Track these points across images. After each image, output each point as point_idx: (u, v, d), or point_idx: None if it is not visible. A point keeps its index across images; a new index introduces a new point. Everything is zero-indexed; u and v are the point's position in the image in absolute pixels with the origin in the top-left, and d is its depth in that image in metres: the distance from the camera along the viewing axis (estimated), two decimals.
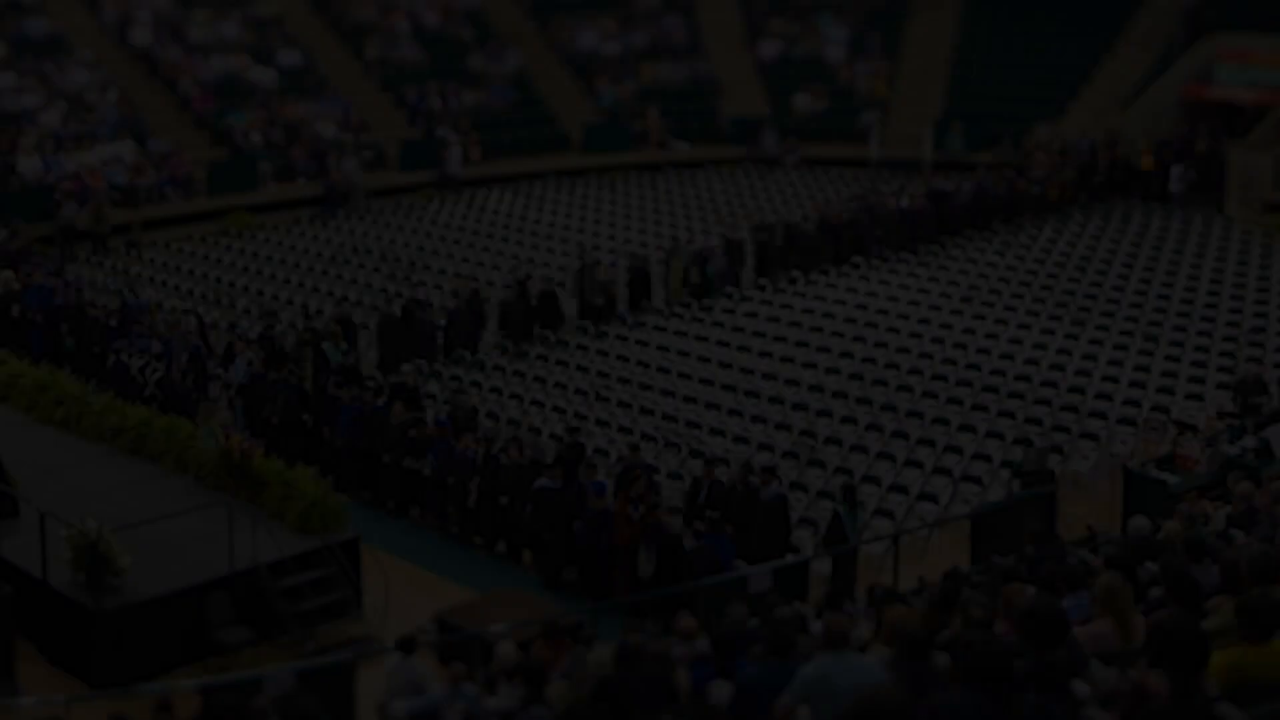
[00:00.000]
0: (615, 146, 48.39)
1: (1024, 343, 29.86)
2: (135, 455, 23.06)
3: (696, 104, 50.87)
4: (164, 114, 45.50)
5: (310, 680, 15.68)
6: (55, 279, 31.72)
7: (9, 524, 20.16)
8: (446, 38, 51.79)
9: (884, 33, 52.80)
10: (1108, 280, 34.09)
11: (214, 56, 47.67)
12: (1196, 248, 36.58)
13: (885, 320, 31.48)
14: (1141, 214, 39.83)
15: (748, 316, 32.17)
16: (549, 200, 44.12)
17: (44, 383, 25.08)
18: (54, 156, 41.27)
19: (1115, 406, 26.37)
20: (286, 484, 20.98)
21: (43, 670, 18.79)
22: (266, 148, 44.47)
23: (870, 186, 42.51)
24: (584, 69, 51.64)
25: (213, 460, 21.78)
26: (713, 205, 43.14)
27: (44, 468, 22.28)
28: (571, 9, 54.19)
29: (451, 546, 23.04)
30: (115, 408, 24.01)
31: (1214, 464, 21.81)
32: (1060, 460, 24.26)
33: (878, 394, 27.23)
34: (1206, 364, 28.43)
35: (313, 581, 19.89)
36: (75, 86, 44.79)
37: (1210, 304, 32.34)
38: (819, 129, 49.22)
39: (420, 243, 39.48)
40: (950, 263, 35.93)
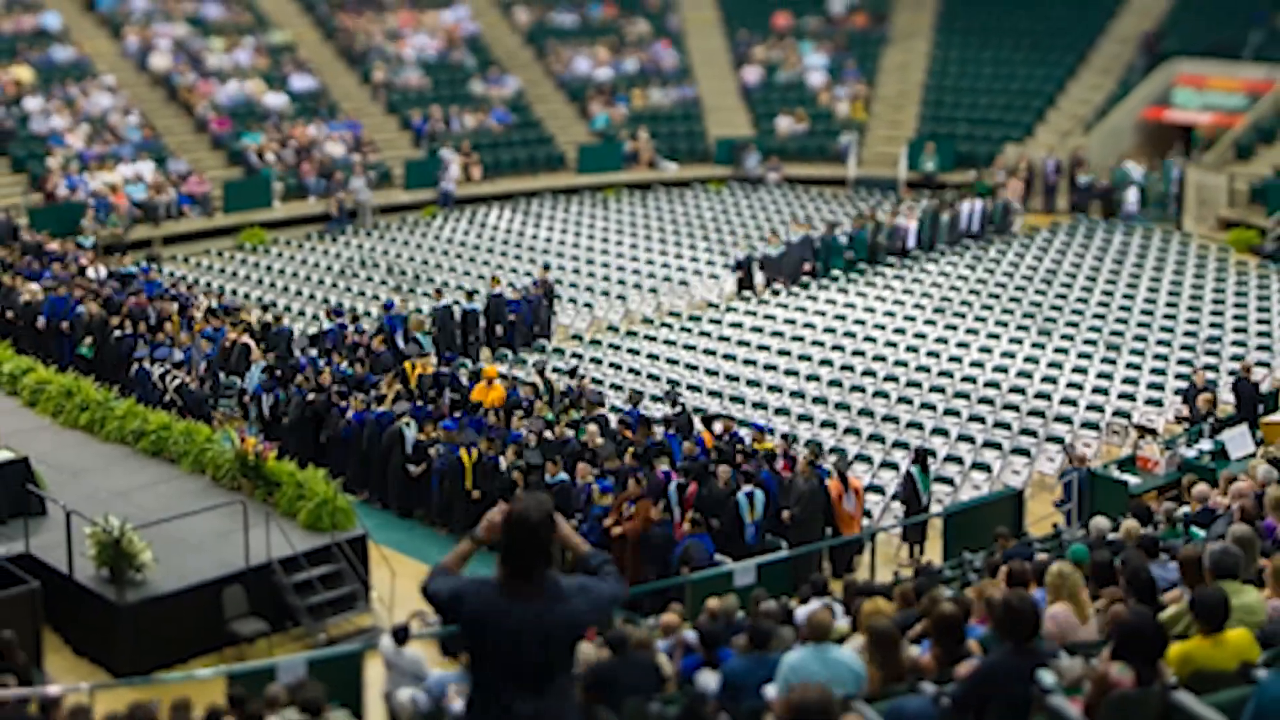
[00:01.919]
0: (608, 166, 48.39)
1: (994, 351, 29.88)
2: (155, 457, 23.03)
3: (684, 126, 50.90)
4: (182, 136, 45.47)
5: (321, 669, 15.69)
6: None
7: (37, 522, 20.13)
8: (449, 64, 51.80)
9: (861, 59, 52.90)
10: (1072, 293, 34.14)
11: (230, 82, 47.63)
12: (1155, 262, 36.62)
13: (862, 330, 31.51)
14: (1104, 230, 39.87)
15: (733, 327, 32.18)
16: (545, 217, 44.16)
17: (69, 389, 25.07)
18: (79, 176, 41.31)
19: (1079, 411, 26.41)
20: (298, 484, 20.98)
21: (69, 660, 18.82)
22: (279, 167, 44.45)
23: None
24: (578, 93, 51.66)
25: (229, 462, 21.78)
26: (699, 221, 43.21)
27: (70, 469, 22.30)
28: (567, 37, 54.27)
29: (454, 543, 22.97)
30: (137, 413, 23.99)
31: (1172, 466, 21.88)
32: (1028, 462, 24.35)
33: (855, 400, 27.26)
34: (1165, 371, 28.46)
35: (323, 576, 19.88)
36: (99, 109, 44.76)
37: (1169, 315, 32.38)
38: (800, 150, 49.27)
39: (424, 257, 39.53)
40: (924, 275, 35.96)
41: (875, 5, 55.33)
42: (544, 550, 7.18)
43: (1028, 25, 51.84)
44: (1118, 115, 46.49)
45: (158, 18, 49.93)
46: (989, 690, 8.49)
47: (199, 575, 19.26)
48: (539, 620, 7.08)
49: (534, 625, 7.07)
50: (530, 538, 7.13)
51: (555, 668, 7.19)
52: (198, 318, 29.34)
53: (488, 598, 7.18)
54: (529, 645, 7.06)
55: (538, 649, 7.08)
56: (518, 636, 7.06)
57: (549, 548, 7.20)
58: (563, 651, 7.22)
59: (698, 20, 55.63)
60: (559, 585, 7.20)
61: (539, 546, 7.15)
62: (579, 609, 7.22)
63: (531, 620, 7.07)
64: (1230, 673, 8.68)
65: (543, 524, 7.16)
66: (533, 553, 7.14)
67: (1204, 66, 45.78)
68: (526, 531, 7.13)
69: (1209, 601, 9.18)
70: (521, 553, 7.15)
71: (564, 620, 7.15)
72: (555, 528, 7.28)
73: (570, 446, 22.75)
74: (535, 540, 7.14)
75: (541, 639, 7.09)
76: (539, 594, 7.13)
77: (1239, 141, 42.52)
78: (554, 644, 7.15)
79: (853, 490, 21.34)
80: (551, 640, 7.13)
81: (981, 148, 47.19)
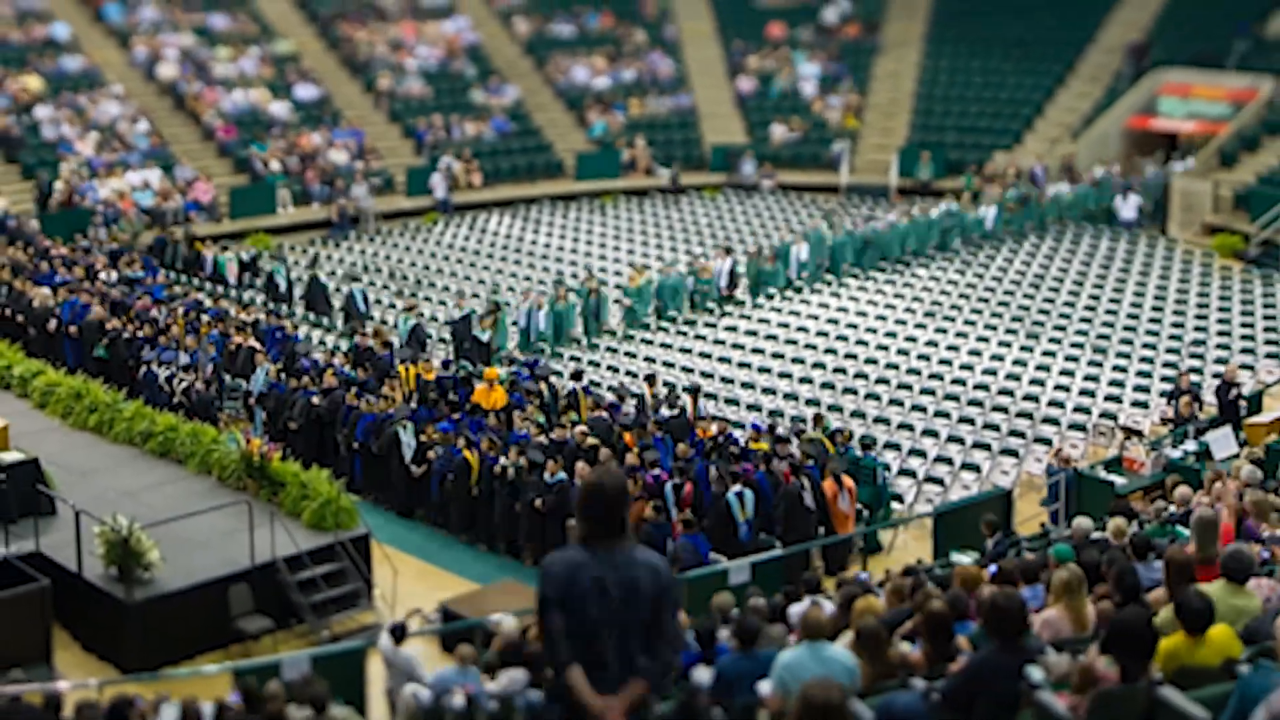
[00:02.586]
0: (606, 173, 48.36)
1: (983, 354, 29.89)
2: (163, 458, 23.03)
3: (681, 134, 50.92)
4: (189, 143, 45.48)
5: (324, 665, 15.69)
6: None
7: (47, 522, 20.10)
8: (450, 73, 51.82)
9: (854, 69, 52.93)
10: (1060, 296, 34.16)
11: (236, 91, 47.64)
12: (1142, 267, 36.65)
13: (854, 333, 31.52)
14: (1091, 235, 39.88)
15: (727, 330, 32.21)
16: (544, 223, 44.18)
17: (79, 391, 25.07)
18: (89, 182, 41.33)
19: (1067, 413, 26.42)
20: (303, 485, 20.98)
21: (78, 656, 18.82)
22: (284, 174, 44.48)
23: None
24: (577, 102, 51.67)
25: (234, 462, 21.78)
26: (695, 227, 43.26)
27: (79, 470, 22.30)
28: (565, 47, 54.29)
29: (455, 543, 23.04)
30: (145, 414, 24.00)
31: (1158, 466, 21.90)
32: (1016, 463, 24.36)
33: (847, 401, 27.28)
34: (1151, 374, 28.48)
35: (327, 575, 19.87)
36: (108, 118, 44.75)
37: (1154, 319, 32.40)
38: (793, 157, 49.28)
39: (426, 262, 39.54)
40: (915, 280, 35.97)
41: (867, 15, 55.39)
42: (622, 517, 7.44)
43: (1017, 35, 51.89)
44: (1105, 123, 46.57)
45: (165, 28, 49.95)
46: (978, 686, 8.49)
47: (205, 573, 19.25)
48: (623, 571, 7.34)
49: (619, 577, 7.33)
50: (608, 505, 7.42)
51: (636, 631, 7.34)
52: (203, 321, 29.34)
53: (573, 556, 7.46)
54: (615, 596, 7.29)
55: (622, 602, 7.29)
56: (603, 587, 7.30)
57: (625, 514, 7.47)
58: (646, 609, 7.36)
59: (693, 30, 55.66)
60: (636, 547, 7.50)
61: (617, 512, 7.43)
62: (654, 560, 7.51)
63: (616, 571, 7.34)
64: (1214, 669, 8.69)
65: (618, 491, 7.43)
66: (612, 519, 7.42)
67: (1189, 76, 45.86)
68: (604, 498, 7.41)
69: (1194, 606, 9.19)
70: (600, 520, 7.42)
71: (646, 568, 7.40)
72: (629, 498, 7.52)
73: (570, 446, 22.75)
74: (614, 507, 7.42)
75: (627, 589, 7.33)
76: (621, 551, 7.40)
77: (1223, 149, 42.56)
78: (639, 599, 7.33)
79: (847, 490, 21.36)
80: (636, 594, 7.34)
81: (971, 155, 47.22)
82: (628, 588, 7.31)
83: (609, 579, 7.29)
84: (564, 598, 7.37)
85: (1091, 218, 41.50)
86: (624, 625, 7.32)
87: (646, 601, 7.33)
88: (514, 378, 26.69)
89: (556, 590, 7.40)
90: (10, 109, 43.73)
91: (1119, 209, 41.33)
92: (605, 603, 7.28)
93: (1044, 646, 9.70)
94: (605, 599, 7.28)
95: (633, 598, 7.31)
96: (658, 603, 7.39)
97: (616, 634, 7.31)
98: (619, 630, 7.31)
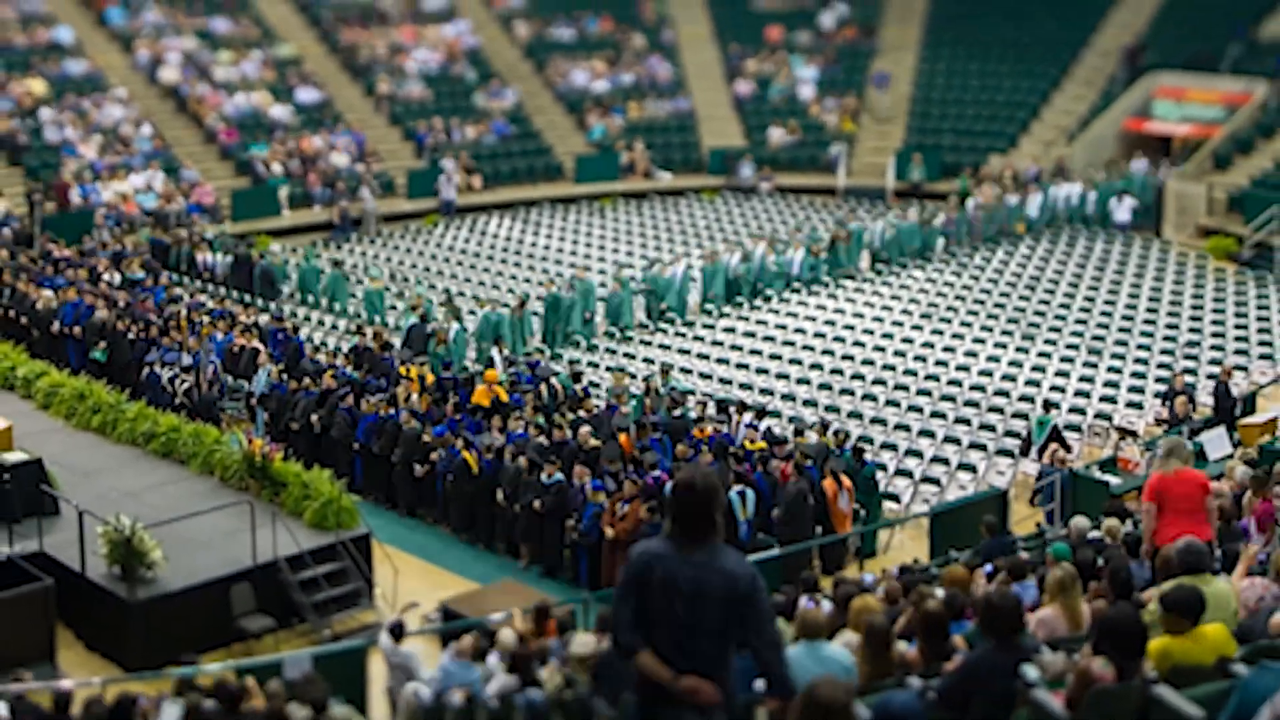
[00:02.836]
0: (605, 176, 48.40)
1: (979, 356, 29.89)
2: (165, 458, 23.02)
3: (679, 137, 50.92)
4: (192, 146, 45.49)
5: (326, 664, 15.69)
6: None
7: (51, 522, 20.10)
8: (450, 77, 51.82)
9: (850, 72, 52.98)
10: (1055, 298, 34.15)
11: (238, 94, 47.66)
12: (1136, 269, 36.65)
13: (852, 335, 31.51)
14: (1086, 237, 39.88)
15: (725, 332, 32.22)
16: (544, 225, 44.17)
17: (82, 392, 25.06)
18: (92, 185, 41.35)
19: (1062, 414, 26.40)
20: (304, 485, 20.97)
21: (81, 655, 18.83)
22: (286, 177, 44.49)
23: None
24: (576, 105, 51.69)
25: (236, 463, 21.78)
26: (694, 230, 43.27)
27: (82, 470, 22.30)
28: (565, 51, 54.30)
29: (456, 542, 23.05)
30: (147, 415, 24.00)
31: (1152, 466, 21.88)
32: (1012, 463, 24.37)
33: (844, 403, 27.27)
34: (1146, 375, 28.48)
35: (328, 574, 19.86)
36: (111, 121, 44.77)
37: (1149, 320, 32.41)
38: (791, 160, 49.31)
39: (426, 264, 39.54)
40: (911, 282, 35.97)
41: (864, 20, 55.45)
42: (710, 517, 7.32)
43: (1012, 39, 51.93)
44: (1100, 126, 46.61)
45: (168, 32, 49.95)
46: (973, 685, 8.49)
47: (208, 573, 19.25)
48: (696, 572, 7.21)
49: (690, 577, 7.20)
50: (697, 504, 7.30)
51: (702, 636, 7.25)
52: (205, 323, 29.35)
53: (656, 548, 7.38)
54: (682, 596, 7.18)
55: (688, 603, 7.18)
56: (673, 583, 7.19)
57: (715, 515, 7.34)
58: (713, 616, 7.24)
59: (692, 35, 55.68)
60: (724, 551, 7.33)
61: (705, 513, 7.31)
62: (737, 568, 7.32)
63: (688, 571, 7.21)
64: (1208, 667, 8.69)
65: (708, 491, 7.32)
66: (699, 518, 7.30)
67: (1183, 79, 45.90)
68: (693, 497, 7.30)
69: (1182, 599, 9.19)
70: (688, 518, 7.31)
71: (722, 574, 7.25)
72: (721, 497, 7.40)
73: (569, 447, 22.75)
74: (702, 506, 7.30)
75: (695, 592, 7.20)
76: (703, 552, 7.26)
77: (1217, 152, 42.58)
78: (705, 604, 7.21)
79: (845, 490, 21.37)
80: (703, 598, 7.22)
81: (967, 158, 47.26)
82: (697, 589, 7.21)
83: (681, 577, 7.19)
84: (637, 587, 7.31)
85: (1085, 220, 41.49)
86: (691, 626, 7.22)
87: (715, 606, 7.22)
88: (514, 379, 26.69)
89: (631, 579, 7.35)
90: (14, 112, 43.74)
91: (1114, 211, 41.31)
92: (672, 599, 7.20)
93: (1039, 645, 9.70)
94: (672, 595, 7.20)
95: (699, 600, 7.20)
96: (727, 612, 7.25)
97: (684, 634, 7.23)
98: (687, 630, 7.23)
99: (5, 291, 32.23)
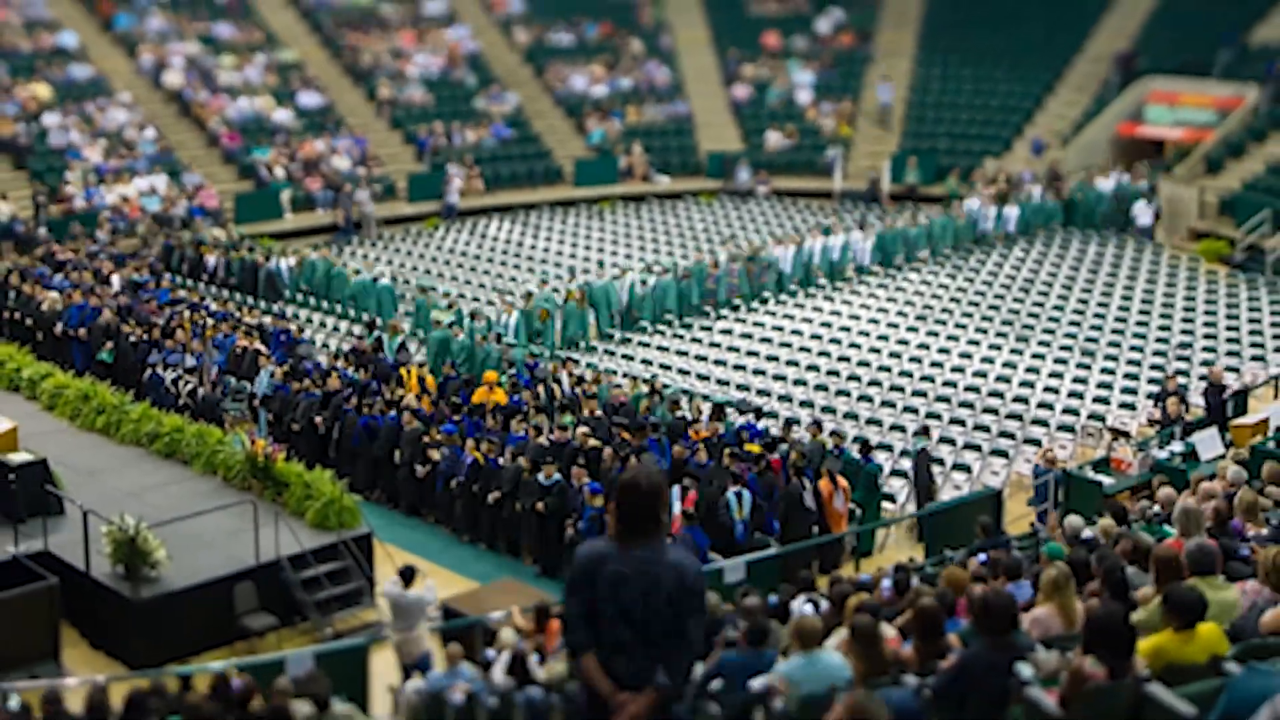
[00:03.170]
0: (604, 179, 48.45)
1: (974, 357, 29.90)
2: (169, 459, 23.04)
3: (677, 141, 50.93)
4: (195, 150, 45.50)
5: (328, 662, 15.69)
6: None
7: (56, 521, 20.11)
8: (451, 81, 51.83)
9: (846, 77, 53.00)
10: (1049, 300, 34.17)
11: (240, 98, 47.66)
12: (1129, 271, 36.68)
13: (847, 337, 31.54)
14: (1079, 240, 39.89)
15: (723, 334, 32.22)
16: (543, 228, 44.21)
17: (86, 393, 25.07)
18: (96, 188, 41.35)
19: (1056, 414, 26.42)
20: (306, 485, 20.98)
21: (85, 653, 18.81)
22: (289, 181, 44.50)
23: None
24: (575, 110, 51.70)
25: (239, 463, 21.78)
26: (691, 232, 43.29)
27: (87, 470, 22.30)
28: (564, 56, 54.33)
29: (456, 542, 23.05)
30: (151, 416, 24.01)
31: (1145, 467, 21.90)
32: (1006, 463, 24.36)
33: (841, 403, 27.27)
34: (1138, 376, 28.50)
35: (330, 573, 19.86)
36: (115, 125, 44.79)
37: (1141, 321, 32.41)
38: (788, 163, 49.33)
39: (427, 266, 39.56)
40: (906, 284, 35.97)
41: (860, 25, 55.46)
42: (655, 515, 7.30)
43: (1007, 44, 51.93)
44: (1093, 130, 46.64)
45: (172, 37, 49.95)
46: (968, 683, 8.49)
47: (211, 572, 19.26)
48: (645, 566, 7.19)
49: (639, 571, 7.18)
50: (642, 502, 7.27)
51: (656, 629, 7.23)
52: (208, 325, 29.35)
53: (601, 547, 7.36)
54: (632, 591, 7.16)
55: (639, 597, 7.16)
56: (623, 579, 7.18)
57: (660, 513, 7.33)
58: (664, 608, 7.22)
59: (690, 39, 55.67)
60: (669, 547, 7.33)
61: (650, 511, 7.29)
62: (684, 561, 7.31)
63: (637, 565, 7.19)
64: (1201, 666, 8.69)
65: (653, 489, 7.29)
66: (644, 517, 7.27)
67: (1176, 84, 45.90)
68: (638, 496, 7.27)
69: (1185, 600, 9.18)
70: (633, 516, 7.28)
71: (670, 567, 7.22)
72: (665, 495, 7.39)
73: (568, 448, 22.75)
74: (647, 504, 7.27)
75: (646, 585, 7.18)
76: (650, 548, 7.25)
77: (1209, 156, 42.59)
78: (657, 596, 7.19)
79: (841, 490, 21.38)
80: (655, 591, 7.19)
81: (962, 162, 47.28)
82: (648, 584, 7.19)
83: (629, 573, 7.18)
84: (585, 586, 7.30)
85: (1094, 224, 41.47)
86: (644, 621, 7.21)
87: (665, 599, 7.21)
88: (514, 380, 26.69)
89: (578, 578, 7.34)
90: (20, 116, 43.73)
91: (1137, 216, 41.26)
92: (622, 596, 7.19)
93: (1033, 644, 9.70)
94: (623, 593, 7.18)
95: (652, 594, 7.18)
96: (677, 603, 7.25)
97: (638, 629, 7.21)
98: (640, 626, 7.21)
99: (11, 294, 32.23)
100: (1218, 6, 48.45)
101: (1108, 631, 8.39)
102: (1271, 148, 41.54)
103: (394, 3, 55.36)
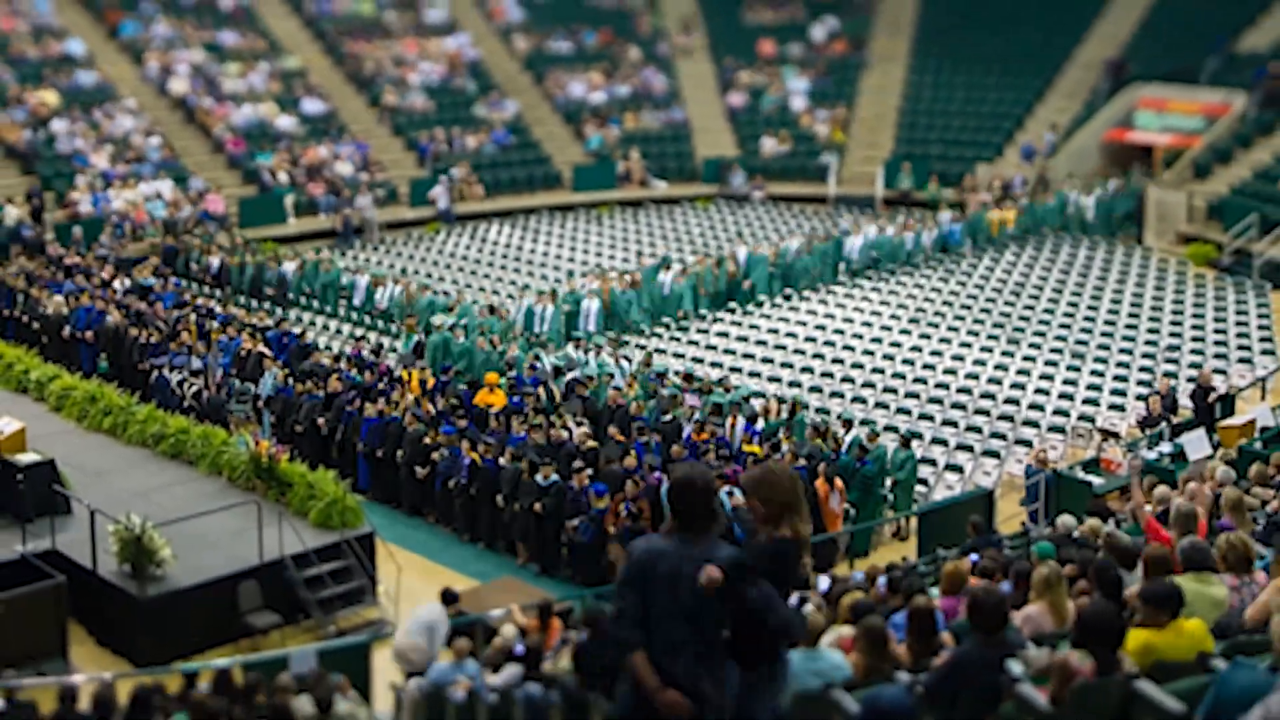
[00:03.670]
0: (602, 185, 48.41)
1: (966, 359, 29.90)
2: (174, 459, 23.06)
3: (674, 147, 50.94)
4: (200, 156, 45.46)
5: (330, 659, 15.70)
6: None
7: (63, 521, 20.13)
8: (452, 88, 51.82)
9: (840, 84, 53.02)
10: (1040, 304, 34.18)
11: (244, 105, 47.63)
12: (1118, 274, 36.70)
13: (841, 339, 31.53)
14: (1070, 244, 39.92)
15: (719, 336, 32.22)
16: (542, 232, 44.21)
17: (93, 395, 25.09)
18: (103, 193, 41.35)
19: (1046, 415, 26.45)
20: (309, 485, 20.99)
21: (92, 651, 18.86)
22: (292, 186, 44.50)
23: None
24: (574, 116, 51.70)
25: (244, 464, 21.79)
26: (688, 236, 43.30)
27: (93, 471, 22.32)
28: (563, 63, 54.32)
29: (456, 542, 23.06)
30: (157, 417, 24.02)
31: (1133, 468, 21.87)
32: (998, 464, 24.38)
33: (834, 405, 27.28)
34: (1128, 378, 28.51)
35: (333, 572, 19.90)
36: (122, 131, 44.76)
37: (1131, 324, 32.44)
38: (782, 169, 49.34)
39: (428, 270, 39.56)
40: (899, 287, 35.98)
41: (854, 33, 55.49)
42: (710, 511, 7.37)
43: (998, 51, 51.96)
44: (1083, 136, 46.64)
45: (177, 44, 49.89)
46: (959, 680, 8.49)
47: (216, 571, 19.30)
48: (697, 562, 7.20)
49: (691, 566, 7.19)
50: (697, 499, 7.34)
51: (706, 626, 7.26)
52: (213, 327, 29.35)
53: (657, 544, 7.40)
54: (685, 584, 7.16)
55: (691, 594, 7.16)
56: (677, 573, 7.19)
57: (714, 509, 7.41)
58: (718, 604, 7.24)
59: (686, 47, 55.67)
60: (721, 543, 7.39)
61: (705, 507, 7.36)
62: (738, 557, 7.33)
63: (690, 559, 7.21)
64: (1188, 662, 8.70)
65: (707, 486, 7.36)
66: (699, 514, 7.33)
67: (1164, 91, 45.93)
68: (694, 493, 7.34)
69: (1159, 593, 9.20)
70: (689, 513, 7.34)
71: (726, 563, 7.23)
72: (716, 493, 7.46)
73: (567, 449, 22.75)
74: (702, 501, 7.35)
75: (697, 579, 7.18)
76: (703, 544, 7.29)
77: (1197, 161, 42.63)
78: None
79: (837, 491, 21.40)
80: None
81: (954, 167, 47.32)
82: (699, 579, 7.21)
83: (684, 570, 7.19)
84: (640, 582, 7.31)
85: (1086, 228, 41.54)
86: (697, 616, 7.22)
87: (719, 595, 7.22)
88: (513, 381, 26.69)
89: (634, 574, 7.36)
90: (27, 122, 43.70)
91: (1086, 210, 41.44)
92: (677, 592, 7.20)
93: (1024, 641, 9.71)
94: (677, 588, 7.19)
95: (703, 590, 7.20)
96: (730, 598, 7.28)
97: (692, 625, 7.22)
98: (694, 622, 7.23)
99: (18, 298, 32.23)
100: (1206, 14, 48.52)
101: (1097, 627, 8.40)
102: (1258, 154, 41.62)
103: (396, 11, 55.38)
